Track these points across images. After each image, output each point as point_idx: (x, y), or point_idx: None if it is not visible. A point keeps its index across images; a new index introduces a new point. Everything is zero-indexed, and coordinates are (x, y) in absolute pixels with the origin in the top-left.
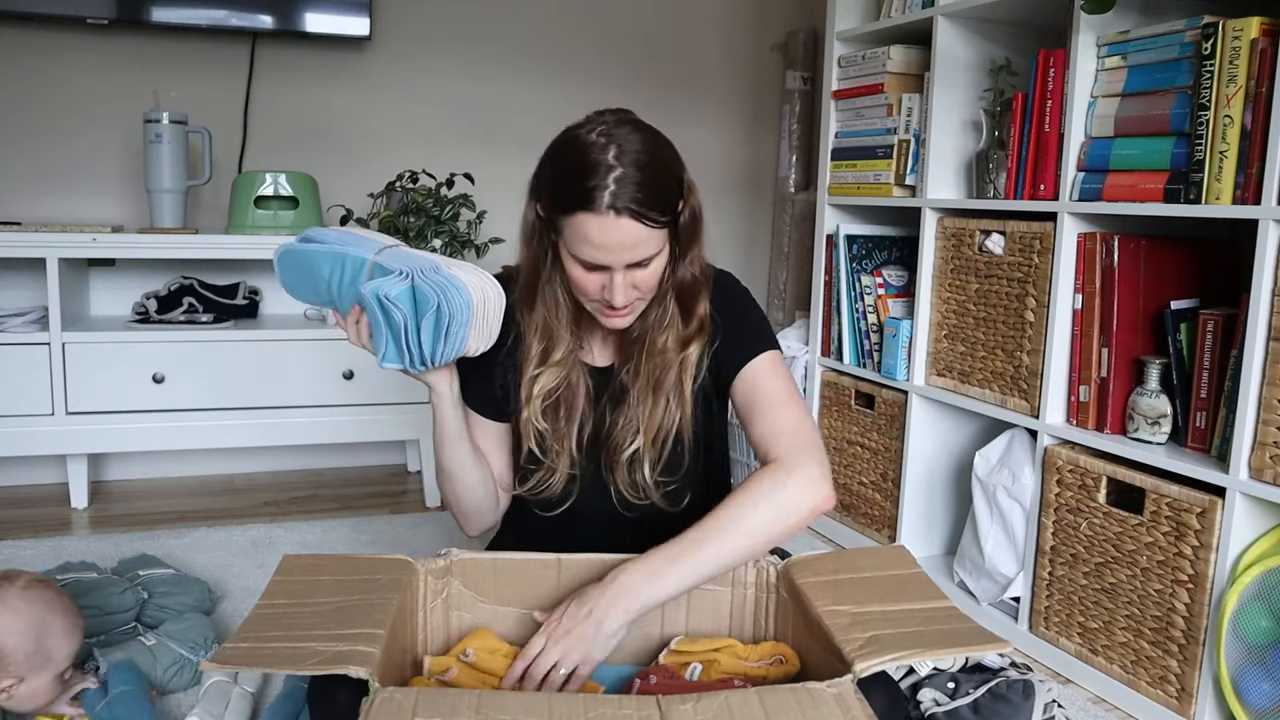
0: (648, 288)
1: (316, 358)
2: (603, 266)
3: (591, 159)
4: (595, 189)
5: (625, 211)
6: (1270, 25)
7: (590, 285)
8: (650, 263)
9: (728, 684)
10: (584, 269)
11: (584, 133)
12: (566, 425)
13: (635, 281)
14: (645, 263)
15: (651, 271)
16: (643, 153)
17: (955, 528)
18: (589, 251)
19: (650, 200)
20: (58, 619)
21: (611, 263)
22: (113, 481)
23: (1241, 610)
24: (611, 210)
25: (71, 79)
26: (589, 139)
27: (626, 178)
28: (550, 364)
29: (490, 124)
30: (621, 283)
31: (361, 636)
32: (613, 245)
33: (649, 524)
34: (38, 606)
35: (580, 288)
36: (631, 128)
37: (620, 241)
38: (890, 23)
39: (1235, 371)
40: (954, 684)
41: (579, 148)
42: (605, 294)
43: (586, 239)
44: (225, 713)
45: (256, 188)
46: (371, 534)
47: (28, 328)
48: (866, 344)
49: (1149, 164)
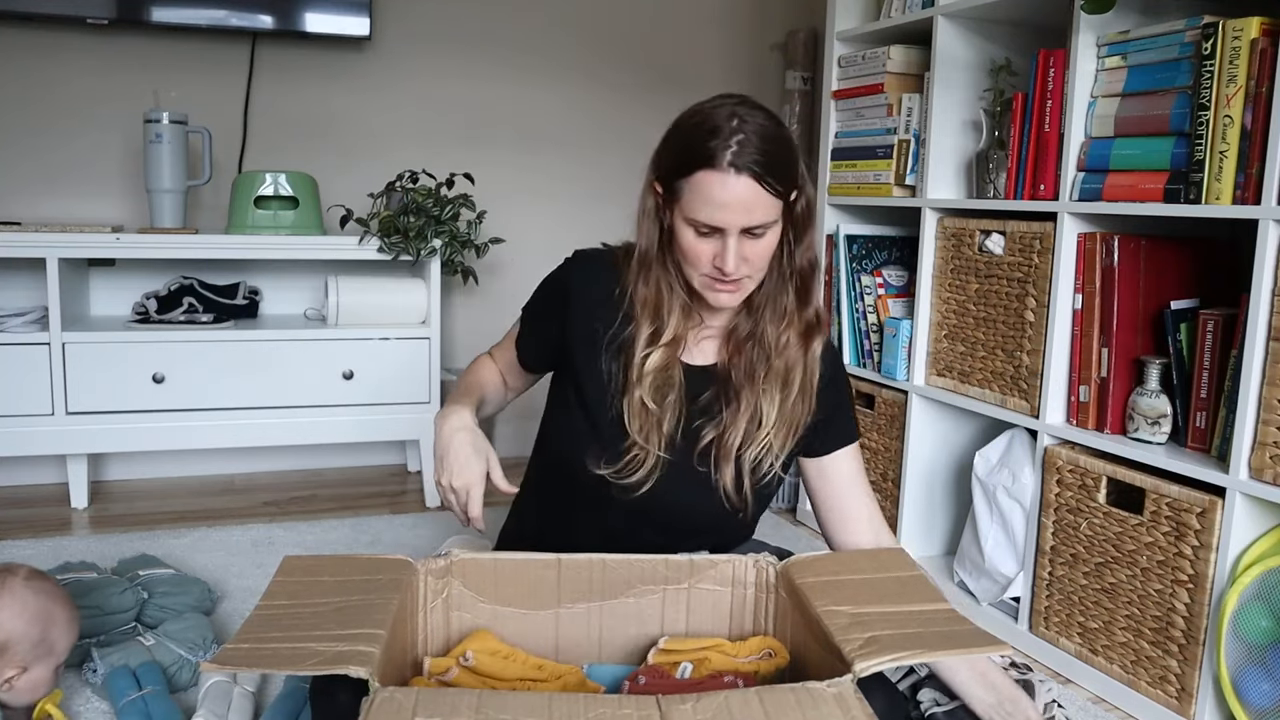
0: (760, 262)
1: (316, 358)
2: (717, 230)
3: (716, 123)
4: (718, 147)
5: (746, 170)
6: (1270, 25)
7: (703, 253)
8: (765, 234)
9: (719, 680)
10: (698, 234)
11: (709, 106)
12: (662, 411)
13: (748, 253)
14: (759, 233)
15: (765, 244)
16: (767, 126)
17: (955, 528)
18: (706, 211)
19: (770, 167)
20: (61, 610)
21: (727, 224)
22: (113, 481)
23: (1241, 610)
24: (733, 168)
25: (71, 79)
26: (714, 110)
27: (749, 142)
28: (661, 344)
29: (490, 124)
30: (735, 247)
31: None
32: (731, 203)
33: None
34: (43, 598)
35: (693, 257)
36: (756, 107)
37: (739, 199)
38: (890, 23)
39: (1235, 371)
40: None
41: (704, 116)
42: (717, 261)
43: (706, 197)
44: (228, 713)
45: (256, 188)
46: (371, 534)
47: (28, 328)
48: (866, 344)
49: (1149, 164)
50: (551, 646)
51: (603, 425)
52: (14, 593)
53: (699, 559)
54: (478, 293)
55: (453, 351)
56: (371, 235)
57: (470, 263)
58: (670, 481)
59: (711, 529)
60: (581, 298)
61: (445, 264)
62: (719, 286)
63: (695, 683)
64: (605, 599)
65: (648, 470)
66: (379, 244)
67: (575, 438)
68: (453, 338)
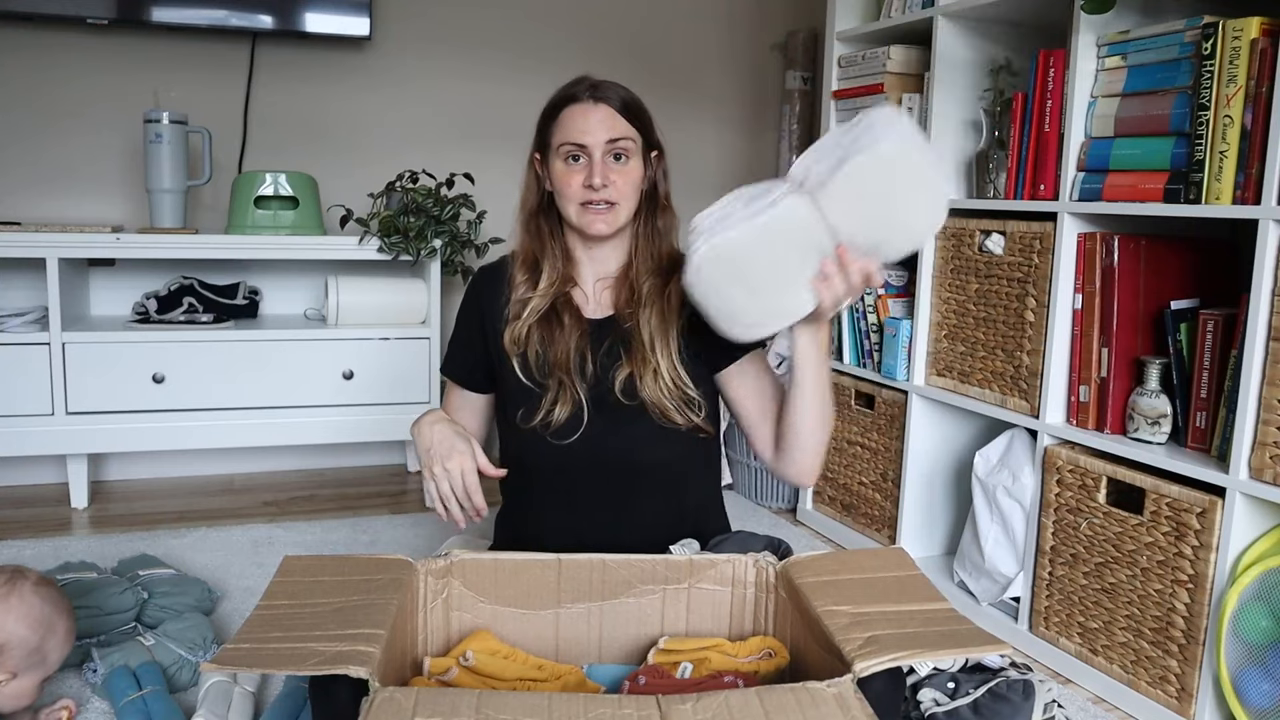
0: (625, 187)
1: (316, 358)
2: (584, 152)
3: (576, 80)
4: (579, 89)
5: (603, 99)
6: (1270, 25)
7: (574, 179)
8: (627, 161)
9: (719, 680)
10: (567, 164)
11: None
12: (563, 354)
13: (612, 175)
14: (621, 157)
15: (629, 171)
16: (621, 86)
17: (955, 528)
18: (572, 133)
19: (627, 104)
20: (62, 622)
21: (590, 141)
22: (113, 481)
23: (1241, 610)
24: (591, 99)
25: (71, 79)
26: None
27: (605, 83)
28: (539, 290)
29: (490, 124)
30: (600, 164)
31: (362, 637)
32: (593, 124)
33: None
34: (48, 606)
35: (564, 186)
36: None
37: (599, 120)
38: (890, 23)
39: (1235, 371)
40: (954, 684)
41: (566, 84)
42: (586, 181)
43: (570, 124)
44: (229, 713)
45: (256, 188)
46: (371, 534)
47: (28, 328)
48: (866, 344)
49: (1149, 164)
50: (551, 646)
51: (524, 390)
52: (22, 597)
53: (699, 559)
54: None
55: None
56: (371, 235)
57: (470, 263)
58: (603, 424)
59: (665, 461)
60: (490, 302)
61: (445, 264)
62: (591, 210)
63: (695, 683)
64: (605, 599)
65: (571, 411)
66: (379, 244)
67: (510, 423)
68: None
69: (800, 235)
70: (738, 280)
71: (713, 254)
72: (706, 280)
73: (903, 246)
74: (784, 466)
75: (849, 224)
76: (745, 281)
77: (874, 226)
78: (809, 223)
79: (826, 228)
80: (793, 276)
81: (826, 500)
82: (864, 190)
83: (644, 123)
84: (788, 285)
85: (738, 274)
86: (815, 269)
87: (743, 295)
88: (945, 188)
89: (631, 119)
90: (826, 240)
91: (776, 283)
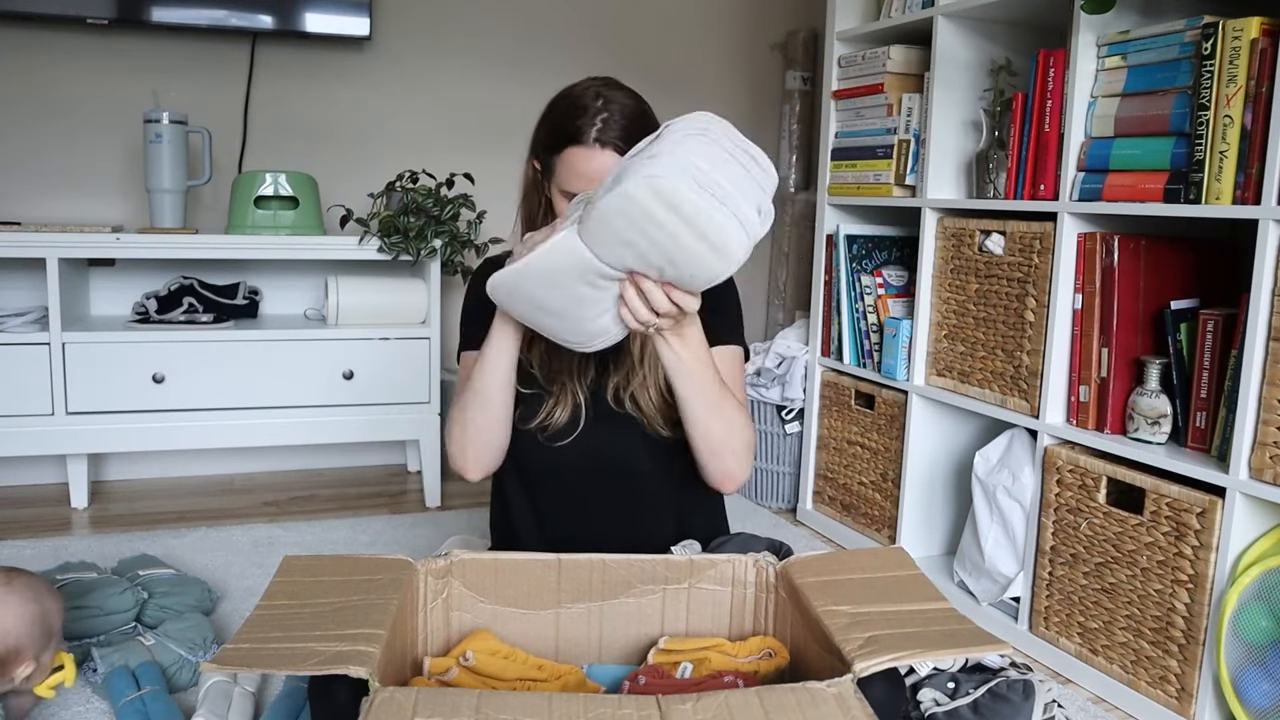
0: None
1: (316, 358)
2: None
3: (583, 103)
4: (584, 125)
5: (610, 145)
6: (1270, 25)
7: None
8: None
9: (719, 680)
10: (569, 200)
11: (578, 88)
12: (566, 357)
13: None
14: None
15: None
16: (629, 104)
17: (955, 528)
18: (576, 183)
19: (633, 142)
20: (49, 600)
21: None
22: (113, 481)
23: (1241, 610)
24: (597, 143)
25: (71, 79)
26: (581, 91)
27: (612, 119)
28: None
29: (490, 124)
30: None
31: (362, 636)
32: (597, 175)
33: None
34: (29, 592)
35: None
36: (619, 87)
37: (602, 166)
38: (890, 23)
39: (1235, 371)
40: (954, 684)
41: (571, 98)
42: None
43: (574, 171)
44: (229, 713)
45: (256, 188)
46: (371, 534)
47: (28, 328)
48: (866, 344)
49: (1149, 164)
50: (551, 646)
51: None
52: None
53: (699, 559)
54: None
55: (453, 351)
56: (371, 235)
57: (470, 263)
58: (598, 429)
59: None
60: None
61: (445, 264)
62: None
63: (695, 682)
64: (605, 599)
65: (570, 415)
66: (379, 244)
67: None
68: (453, 338)
69: (576, 267)
70: (537, 308)
71: (501, 284)
72: (509, 306)
73: (698, 277)
74: (704, 472)
75: (619, 258)
76: (544, 308)
77: (647, 261)
78: (582, 255)
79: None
80: (588, 303)
81: (826, 500)
82: (617, 228)
83: None
84: (585, 311)
85: (533, 301)
86: (614, 294)
87: (548, 319)
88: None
89: None
90: (610, 270)
91: (573, 310)
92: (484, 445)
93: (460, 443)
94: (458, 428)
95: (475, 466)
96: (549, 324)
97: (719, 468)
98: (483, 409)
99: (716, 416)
